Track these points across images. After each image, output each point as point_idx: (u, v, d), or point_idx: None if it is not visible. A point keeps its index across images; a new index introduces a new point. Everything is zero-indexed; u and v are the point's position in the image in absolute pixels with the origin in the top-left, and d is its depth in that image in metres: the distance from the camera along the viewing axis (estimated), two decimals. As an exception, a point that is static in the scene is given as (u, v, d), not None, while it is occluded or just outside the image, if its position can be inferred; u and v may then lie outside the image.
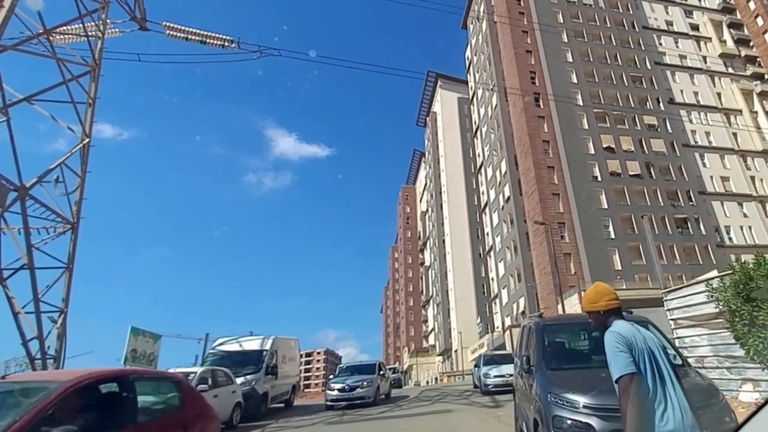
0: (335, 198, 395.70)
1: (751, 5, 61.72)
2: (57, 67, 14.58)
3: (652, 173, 45.71)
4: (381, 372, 18.08)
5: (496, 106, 54.91)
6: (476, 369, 19.65)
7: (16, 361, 13.75)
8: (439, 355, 75.27)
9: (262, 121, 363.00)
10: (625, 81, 51.12)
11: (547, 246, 41.48)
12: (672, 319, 11.26)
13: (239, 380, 14.15)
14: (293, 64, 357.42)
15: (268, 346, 17.07)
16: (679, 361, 5.46)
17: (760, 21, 60.33)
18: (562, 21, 53.53)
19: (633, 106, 49.54)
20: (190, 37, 18.42)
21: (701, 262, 41.19)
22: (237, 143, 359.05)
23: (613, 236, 41.67)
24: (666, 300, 11.48)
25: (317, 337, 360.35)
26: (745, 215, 47.21)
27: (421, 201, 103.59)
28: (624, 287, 37.53)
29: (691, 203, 44.99)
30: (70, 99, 14.55)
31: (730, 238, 45.45)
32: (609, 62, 52.17)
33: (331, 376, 19.16)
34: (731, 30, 61.30)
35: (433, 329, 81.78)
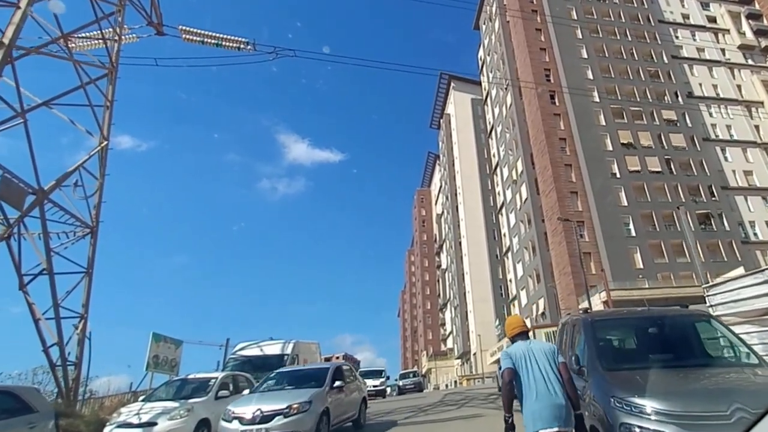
0: (349, 203, 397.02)
1: (771, -5, 60.41)
2: (74, 71, 14.73)
3: (673, 169, 44.90)
4: (338, 383, 10.38)
5: (510, 105, 54.49)
6: (498, 372, 19.38)
7: (43, 368, 13.86)
8: (457, 358, 74.80)
9: (275, 127, 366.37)
10: (642, 76, 50.37)
11: (566, 245, 41.01)
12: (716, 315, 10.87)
13: None
14: (303, 70, 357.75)
15: (289, 350, 16.95)
16: (754, 360, 5.14)
17: (780, 10, 59.07)
18: (575, 17, 52.96)
19: (651, 100, 48.78)
20: (206, 40, 18.55)
21: (726, 259, 40.33)
22: (251, 149, 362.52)
23: (633, 234, 40.99)
24: (708, 295, 11.01)
25: (334, 341, 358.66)
26: (770, 210, 46.09)
27: (436, 204, 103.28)
28: (647, 286, 36.89)
29: (713, 198, 44.06)
30: (87, 102, 14.72)
31: (755, 234, 44.29)
32: (625, 57, 51.47)
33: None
34: (750, 21, 59.98)
35: (451, 332, 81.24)
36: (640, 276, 37.81)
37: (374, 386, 27.66)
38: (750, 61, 56.94)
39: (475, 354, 62.97)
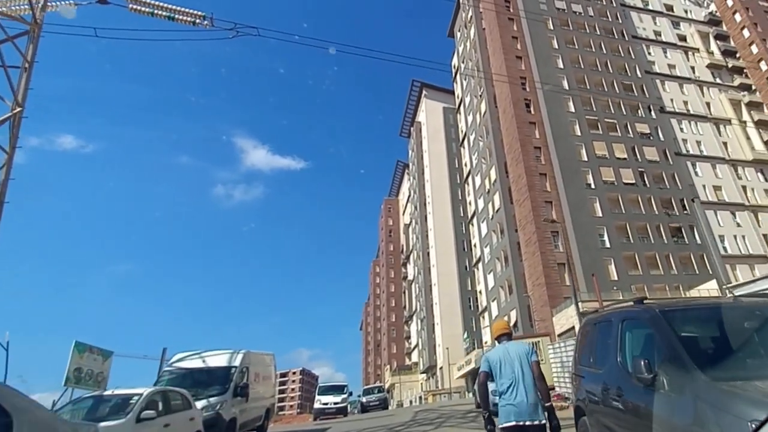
0: (311, 212, 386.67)
1: (737, 17, 61.98)
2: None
3: (646, 181, 44.74)
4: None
5: (485, 113, 53.62)
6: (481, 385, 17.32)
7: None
8: (422, 372, 72.47)
9: (233, 130, 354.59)
10: (617, 88, 50.40)
11: (541, 255, 39.97)
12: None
13: (200, 404, 11.43)
14: (268, 71, 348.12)
15: (237, 362, 14.30)
16: None
17: (746, 33, 60.54)
18: (552, 28, 52.77)
19: (625, 113, 48.78)
20: (156, 12, 16.31)
21: (697, 272, 40.18)
22: (206, 153, 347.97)
23: (608, 245, 40.32)
24: (737, 297, 9.50)
25: (290, 356, 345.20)
26: (738, 225, 46.36)
27: (404, 213, 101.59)
28: (621, 297, 35.96)
29: (685, 212, 44.04)
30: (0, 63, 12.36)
31: (724, 248, 44.37)
32: (600, 70, 51.48)
33: None
34: (718, 41, 61.43)
35: (417, 346, 78.99)
36: (614, 288, 36.94)
37: (335, 404, 25.58)
38: (718, 80, 58.04)
39: (441, 368, 61.03)
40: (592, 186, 43.23)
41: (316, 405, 26.27)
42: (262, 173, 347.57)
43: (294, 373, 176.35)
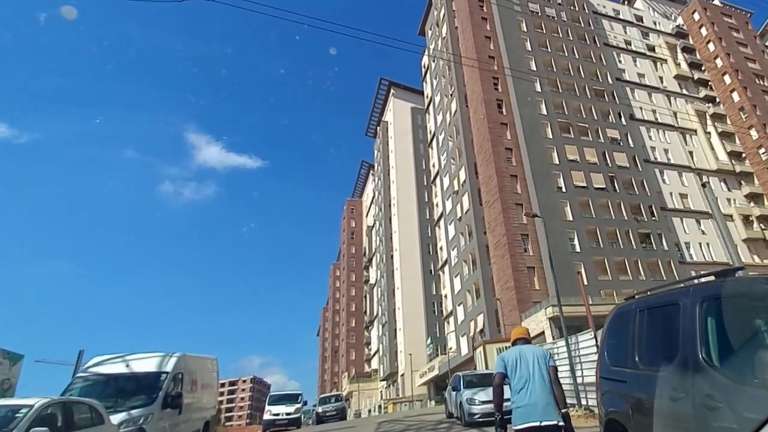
0: (268, 213, 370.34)
1: (703, 31, 63.17)
2: None
3: (616, 187, 44.31)
4: None
5: (455, 112, 52.36)
6: (454, 393, 15.09)
7: None
8: (383, 380, 69.96)
9: (184, 124, 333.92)
10: (588, 93, 50.06)
11: (510, 259, 38.78)
12: None
13: (119, 417, 9.36)
14: (222, 64, 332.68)
15: (169, 367, 12.13)
16: None
17: (711, 47, 61.69)
18: (525, 30, 52.13)
19: (596, 118, 48.42)
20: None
21: (665, 278, 39.80)
22: (154, 147, 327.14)
23: (578, 250, 39.46)
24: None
25: (240, 364, 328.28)
26: (703, 232, 46.68)
27: (367, 215, 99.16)
28: (590, 302, 34.96)
29: (653, 218, 43.80)
30: None
31: (690, 255, 44.54)
32: (572, 74, 51.07)
33: None
34: (685, 54, 62.41)
35: (377, 352, 76.49)
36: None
37: (287, 414, 23.03)
38: (685, 91, 58.84)
39: (403, 375, 59.02)
40: (563, 189, 42.42)
41: (266, 416, 23.54)
42: (215, 171, 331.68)
43: (244, 381, 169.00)
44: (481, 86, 47.86)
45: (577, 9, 57.13)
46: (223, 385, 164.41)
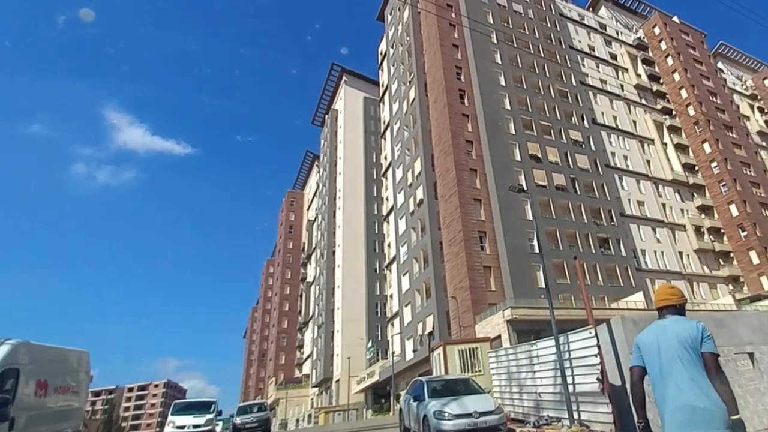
0: (195, 203, 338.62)
1: (663, 45, 63.65)
2: None
3: (577, 188, 42.60)
4: None
5: (413, 101, 49.17)
6: (415, 404, 11.98)
7: None
8: (315, 386, 64.97)
9: (102, 101, 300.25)
10: (552, 93, 48.39)
11: (466, 257, 35.87)
12: None
13: None
14: (155, 39, 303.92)
15: None
16: None
17: (669, 61, 62.17)
18: (492, 22, 49.91)
19: (559, 119, 46.77)
20: None
21: (622, 284, 38.25)
22: (66, 123, 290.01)
23: (537, 251, 37.00)
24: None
25: (154, 366, 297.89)
26: (658, 240, 46.14)
27: (309, 208, 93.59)
28: (547, 306, 32.48)
29: (612, 223, 42.34)
30: None
31: (645, 262, 43.53)
32: (537, 72, 49.26)
33: None
34: (645, 65, 62.64)
35: (310, 356, 71.20)
36: (542, 296, 33.34)
37: (195, 426, 18.40)
38: (643, 101, 58.76)
39: (338, 381, 54.88)
40: (524, 187, 39.94)
41: (168, 429, 18.78)
42: (137, 155, 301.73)
43: (156, 385, 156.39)
44: (443, 74, 45.04)
45: (544, 9, 55.76)
46: (131, 389, 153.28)
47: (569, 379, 11.37)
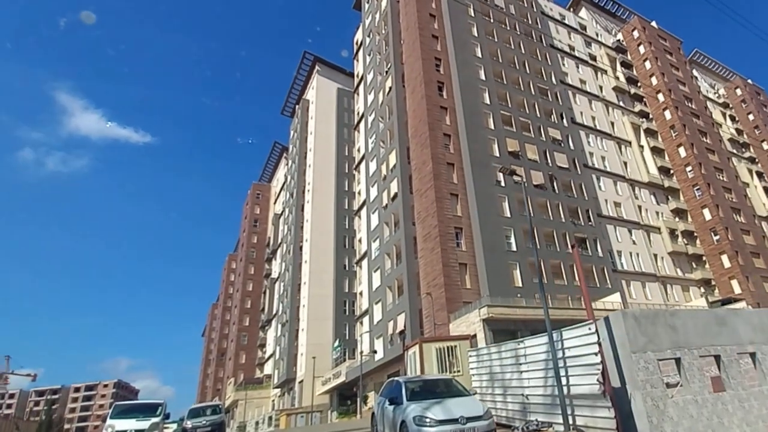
0: (153, 195, 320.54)
1: (641, 49, 63.76)
2: None
3: (555, 187, 41.63)
4: None
5: (390, 91, 47.44)
6: (391, 408, 10.56)
7: None
8: (276, 387, 62.37)
9: (53, 83, 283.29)
10: (533, 90, 47.42)
11: (441, 253, 34.34)
12: None
13: None
14: (114, 23, 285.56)
15: None
16: None
17: (647, 65, 62.29)
18: (473, 14, 48.60)
19: (539, 116, 45.82)
20: None
21: (598, 285, 37.38)
22: (12, 104, 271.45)
23: (514, 249, 35.84)
24: None
25: (103, 366, 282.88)
26: (633, 242, 45.75)
27: (276, 202, 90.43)
28: (523, 305, 31.26)
29: (590, 224, 41.57)
30: None
31: (621, 264, 42.98)
32: (518, 68, 48.24)
33: None
34: (623, 68, 62.58)
35: (273, 355, 68.47)
36: (518, 295, 32.30)
37: None
38: (621, 103, 58.65)
39: (302, 382, 52.45)
40: (502, 184, 38.80)
41: None
42: (90, 141, 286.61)
43: (105, 385, 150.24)
44: (422, 64, 43.47)
45: (525, 5, 54.89)
46: (77, 389, 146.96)
47: (563, 380, 9.94)
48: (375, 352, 39.13)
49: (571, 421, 9.50)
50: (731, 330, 10.05)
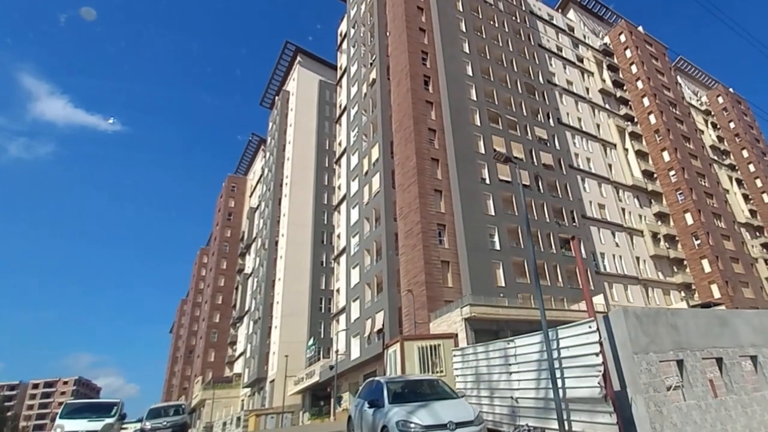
0: (120, 186, 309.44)
1: (628, 53, 63.81)
2: None
3: (541, 187, 40.94)
4: None
5: (374, 83, 46.23)
6: (370, 411, 9.56)
7: None
8: (247, 386, 60.46)
9: (17, 64, 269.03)
10: (520, 88, 46.75)
11: (423, 250, 33.29)
12: None
13: None
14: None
15: None
16: None
17: (634, 69, 62.36)
18: (461, 10, 47.76)
19: (525, 115, 45.14)
20: None
21: (581, 287, 36.60)
22: None
23: (498, 248, 34.96)
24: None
25: (64, 362, 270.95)
26: (617, 244, 45.53)
27: (252, 195, 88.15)
28: (506, 305, 30.36)
29: (574, 224, 41.02)
30: None
31: (604, 266, 42.62)
32: (505, 66, 47.52)
33: None
34: (610, 71, 62.50)
35: (244, 353, 66.49)
36: (501, 294, 31.40)
37: None
38: (607, 106, 58.57)
39: (273, 381, 50.81)
40: (487, 181, 38.03)
41: None
42: (56, 128, 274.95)
43: (65, 382, 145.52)
44: (408, 57, 42.41)
45: (514, 3, 54.28)
46: (36, 386, 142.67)
47: (558, 383, 8.94)
48: (337, 352, 37.85)
49: (567, 427, 8.65)
50: (732, 331, 9.54)
